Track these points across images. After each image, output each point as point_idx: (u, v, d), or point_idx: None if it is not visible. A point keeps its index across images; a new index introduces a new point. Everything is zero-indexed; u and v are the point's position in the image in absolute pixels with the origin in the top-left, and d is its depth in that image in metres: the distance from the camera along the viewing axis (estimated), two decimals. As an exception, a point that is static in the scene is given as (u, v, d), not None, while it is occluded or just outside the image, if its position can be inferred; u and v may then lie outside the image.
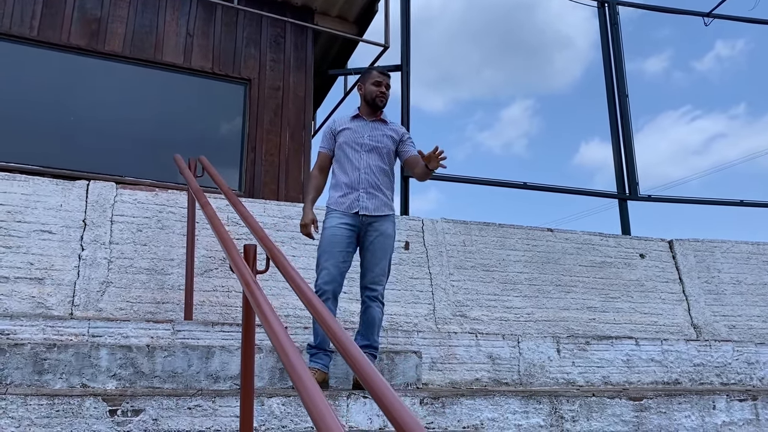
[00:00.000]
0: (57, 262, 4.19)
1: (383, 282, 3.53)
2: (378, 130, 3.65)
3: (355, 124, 3.65)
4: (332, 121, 3.71)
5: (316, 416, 1.35)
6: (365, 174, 3.54)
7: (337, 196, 3.54)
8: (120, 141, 5.68)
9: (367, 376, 1.53)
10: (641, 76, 34.39)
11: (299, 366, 1.54)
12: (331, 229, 3.47)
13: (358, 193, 3.51)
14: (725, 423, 3.86)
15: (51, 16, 5.54)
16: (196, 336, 3.72)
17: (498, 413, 3.37)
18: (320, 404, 1.37)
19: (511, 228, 5.62)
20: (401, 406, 1.45)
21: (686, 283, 5.94)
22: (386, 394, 1.49)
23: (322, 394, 1.43)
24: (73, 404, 2.64)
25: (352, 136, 3.60)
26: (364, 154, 3.57)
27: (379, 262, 3.50)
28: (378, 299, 3.50)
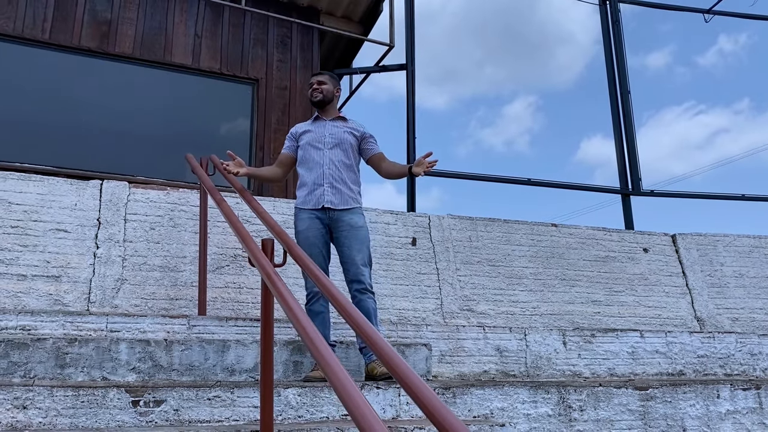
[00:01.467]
0: (73, 260, 4.28)
1: (368, 272, 3.56)
2: (338, 128, 3.78)
3: (316, 126, 3.80)
4: (297, 126, 3.91)
5: (347, 401, 1.41)
6: (328, 169, 3.65)
7: (303, 195, 3.66)
8: (131, 141, 5.78)
9: (395, 365, 1.59)
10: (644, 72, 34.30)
11: (327, 354, 1.62)
12: (304, 232, 3.58)
13: (323, 188, 3.61)
14: (729, 411, 3.94)
15: (62, 19, 5.63)
16: (210, 330, 3.81)
17: (507, 403, 3.45)
18: (351, 390, 1.44)
19: (516, 223, 5.70)
20: (429, 391, 1.51)
21: (689, 277, 6.02)
22: (413, 380, 1.56)
23: (352, 381, 1.51)
24: (97, 395, 2.72)
25: (313, 136, 3.76)
26: (326, 150, 3.69)
27: (357, 254, 3.54)
28: (367, 290, 3.52)
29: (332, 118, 3.80)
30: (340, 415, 3.09)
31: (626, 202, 6.41)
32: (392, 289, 5.03)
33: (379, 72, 6.44)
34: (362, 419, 1.36)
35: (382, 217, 5.28)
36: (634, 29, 12.40)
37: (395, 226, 5.28)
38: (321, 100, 3.79)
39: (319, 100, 3.79)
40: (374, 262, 5.04)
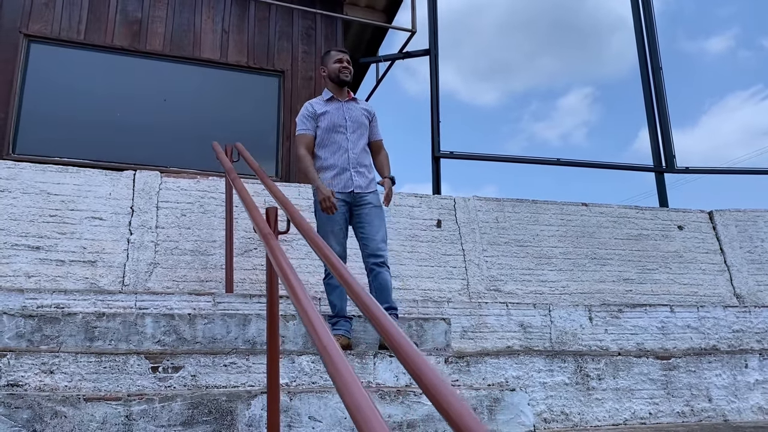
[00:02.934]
0: (108, 246, 4.49)
1: (386, 248, 3.66)
2: (354, 111, 3.81)
3: (333, 107, 3.78)
4: (309, 105, 3.81)
5: (330, 365, 1.40)
6: (353, 154, 3.71)
7: (330, 177, 3.66)
8: (163, 134, 6.02)
9: (390, 333, 1.58)
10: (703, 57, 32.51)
11: (319, 326, 1.63)
12: (329, 210, 3.58)
13: (349, 172, 3.67)
14: (758, 381, 3.84)
15: (96, 20, 5.92)
16: (235, 307, 3.94)
17: (522, 371, 3.46)
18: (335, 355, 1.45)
19: (545, 204, 5.67)
20: (421, 359, 1.43)
21: (728, 254, 5.86)
22: (408, 350, 1.50)
23: (342, 353, 1.54)
24: (118, 361, 2.88)
25: (333, 119, 3.74)
26: (349, 135, 3.73)
27: (378, 231, 3.64)
28: (385, 264, 3.61)
29: (346, 100, 3.84)
30: (353, 381, 3.16)
31: (660, 179, 6.28)
32: (417, 270, 5.08)
33: (403, 58, 6.51)
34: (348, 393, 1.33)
35: (406, 200, 5.34)
36: (692, 14, 11.92)
37: (419, 209, 5.33)
38: (350, 80, 3.84)
39: (349, 80, 3.82)
40: (399, 244, 5.11)
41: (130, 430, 2.48)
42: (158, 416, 2.52)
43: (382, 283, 3.60)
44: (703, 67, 49.83)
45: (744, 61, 38.82)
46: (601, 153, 34.03)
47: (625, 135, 16.28)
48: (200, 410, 2.56)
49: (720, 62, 36.71)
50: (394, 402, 2.85)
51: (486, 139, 47.56)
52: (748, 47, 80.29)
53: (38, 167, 4.54)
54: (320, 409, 2.74)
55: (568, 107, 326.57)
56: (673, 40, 46.97)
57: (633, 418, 3.59)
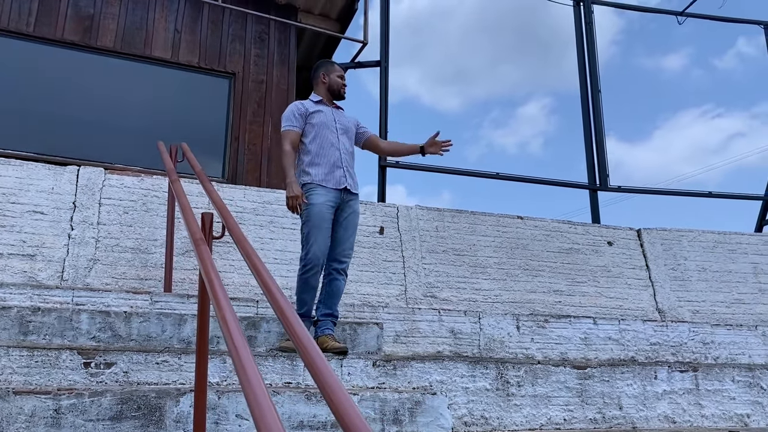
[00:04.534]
0: (48, 241, 4.51)
1: (351, 256, 3.81)
2: (343, 117, 3.99)
3: (325, 109, 3.90)
4: (299, 104, 3.90)
5: (237, 364, 1.51)
6: (344, 155, 3.84)
7: (323, 173, 3.73)
8: (110, 131, 6.03)
9: (299, 339, 1.66)
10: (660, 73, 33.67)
11: (234, 328, 1.77)
12: (320, 206, 3.66)
13: (342, 169, 3.78)
14: (666, 392, 4.12)
15: (46, 12, 5.90)
16: (172, 306, 4.02)
17: (446, 376, 3.65)
18: (244, 357, 1.59)
19: (483, 215, 5.90)
20: (326, 366, 1.49)
21: (653, 270, 6.20)
22: (313, 354, 1.58)
23: (249, 352, 1.68)
24: (51, 356, 2.94)
25: (325, 119, 3.85)
26: (340, 136, 3.87)
27: (350, 237, 3.78)
28: (345, 272, 3.76)
29: (334, 107, 3.98)
30: (282, 382, 3.30)
31: (593, 197, 6.59)
32: (357, 275, 5.23)
33: (355, 68, 6.66)
34: (249, 385, 1.47)
35: (351, 206, 5.49)
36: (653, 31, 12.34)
37: (364, 215, 5.49)
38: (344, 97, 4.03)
39: (344, 97, 4.00)
40: (340, 249, 5.26)
41: (59, 423, 2.56)
42: (87, 410, 2.60)
43: (335, 290, 3.72)
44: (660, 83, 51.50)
45: (697, 80, 40.33)
46: (555, 163, 34.92)
47: (579, 147, 16.85)
48: (129, 406, 2.66)
49: (675, 79, 38.09)
50: (320, 403, 2.99)
51: (443, 146, 47.90)
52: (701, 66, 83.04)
53: (-21, 159, 4.53)
54: (247, 407, 2.86)
55: (528, 116, 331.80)
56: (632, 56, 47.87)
57: (549, 423, 3.81)
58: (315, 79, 4.03)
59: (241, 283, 4.76)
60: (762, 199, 7.61)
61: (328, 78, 3.97)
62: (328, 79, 3.96)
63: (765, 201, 7.62)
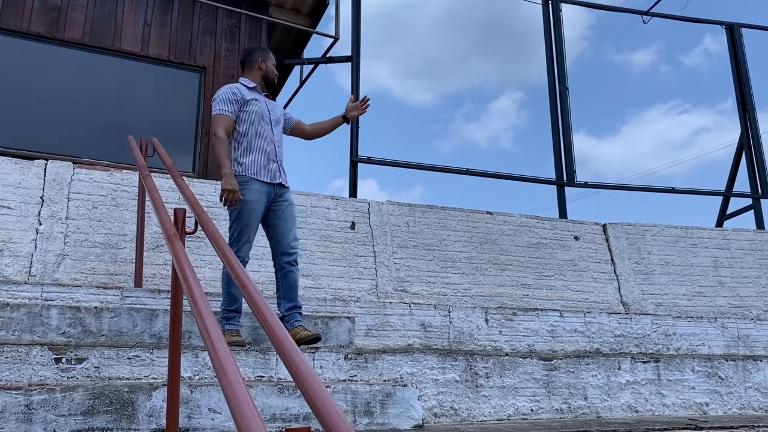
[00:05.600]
0: (15, 236, 4.46)
1: (298, 246, 3.79)
2: (275, 107, 3.93)
3: (259, 98, 3.82)
4: (235, 89, 3.74)
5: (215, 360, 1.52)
6: (278, 147, 3.81)
7: (258, 167, 3.67)
8: (79, 124, 5.96)
9: (275, 334, 1.68)
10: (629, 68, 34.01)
11: (210, 324, 1.79)
12: (253, 203, 3.60)
13: (276, 164, 3.76)
14: (629, 382, 4.25)
15: (13, 3, 5.79)
16: (143, 302, 4.02)
17: (417, 368, 3.72)
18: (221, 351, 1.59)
19: (453, 210, 5.98)
20: (300, 359, 1.54)
21: (617, 264, 6.35)
22: (288, 347, 1.61)
23: (224, 343, 1.67)
24: (21, 352, 2.93)
25: (260, 108, 3.76)
26: (274, 128, 3.82)
27: (292, 228, 3.76)
28: (296, 262, 3.75)
29: (266, 95, 3.91)
30: (255, 375, 3.33)
31: (560, 192, 6.72)
32: (329, 270, 5.27)
33: (326, 63, 6.69)
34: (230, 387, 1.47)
35: (323, 201, 5.52)
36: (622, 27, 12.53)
37: (335, 211, 5.53)
38: None
39: (276, 86, 3.97)
40: (313, 244, 5.30)
41: (30, 418, 2.56)
42: (59, 406, 2.60)
43: (291, 282, 3.73)
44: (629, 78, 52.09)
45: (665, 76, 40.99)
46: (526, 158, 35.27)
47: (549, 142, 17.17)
48: (101, 401, 2.67)
49: (644, 75, 38.95)
50: (292, 396, 3.03)
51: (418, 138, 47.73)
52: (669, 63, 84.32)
53: (-57, 152, 4.45)
54: (220, 401, 2.89)
55: (499, 110, 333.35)
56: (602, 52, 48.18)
57: (516, 414, 3.91)
58: (249, 63, 3.88)
59: (212, 278, 4.76)
60: (722, 194, 7.84)
61: (265, 65, 3.87)
62: (264, 66, 3.87)
63: (725, 197, 7.85)
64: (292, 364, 1.55)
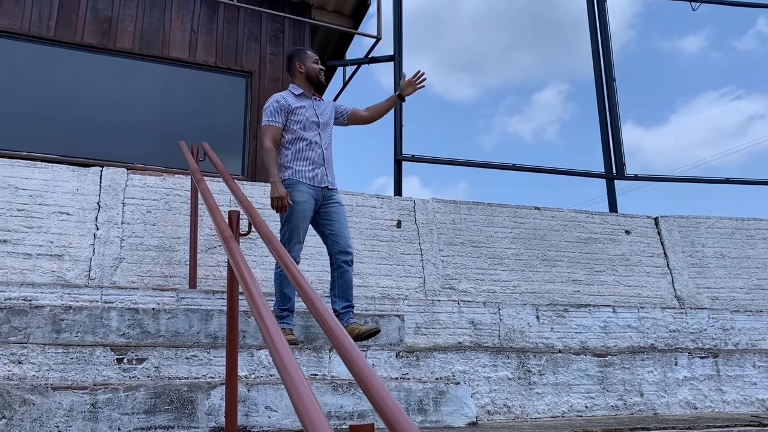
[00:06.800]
0: (74, 241, 4.61)
1: (352, 245, 3.87)
2: (323, 108, 3.95)
3: (305, 103, 3.87)
4: (281, 98, 3.84)
5: (277, 360, 1.55)
6: (325, 150, 3.86)
7: (305, 171, 3.75)
8: (131, 131, 6.13)
9: (333, 332, 1.72)
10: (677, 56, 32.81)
11: (271, 325, 1.83)
12: (302, 204, 3.69)
13: (323, 167, 3.82)
14: (686, 378, 4.15)
15: (66, 17, 6.01)
16: (198, 302, 4.11)
17: (469, 366, 3.71)
18: (283, 351, 1.63)
19: (500, 207, 5.94)
20: (359, 357, 1.59)
21: (670, 258, 6.21)
22: (347, 345, 1.63)
23: (285, 342, 1.71)
24: (85, 353, 3.03)
25: (306, 115, 3.82)
26: (320, 132, 3.87)
27: (345, 229, 3.83)
28: (352, 262, 3.81)
29: (314, 98, 3.95)
30: (309, 374, 3.37)
31: (610, 186, 6.61)
32: (377, 268, 5.30)
33: (369, 63, 6.72)
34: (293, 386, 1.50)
35: (369, 201, 5.55)
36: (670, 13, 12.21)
37: (381, 210, 5.55)
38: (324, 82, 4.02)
39: (324, 83, 4.01)
40: (360, 243, 5.33)
41: (96, 417, 2.65)
42: (123, 405, 2.69)
43: (347, 281, 3.79)
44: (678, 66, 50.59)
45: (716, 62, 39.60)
46: (572, 151, 34.68)
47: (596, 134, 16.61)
48: (162, 399, 2.74)
49: (693, 62, 37.49)
50: (346, 393, 3.06)
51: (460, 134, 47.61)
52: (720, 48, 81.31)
53: (7, 162, 4.64)
54: (276, 399, 2.94)
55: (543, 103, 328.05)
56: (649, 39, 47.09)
57: (570, 411, 3.86)
58: (291, 69, 3.96)
59: (263, 278, 4.83)
60: (780, 184, 7.56)
61: (304, 67, 3.91)
62: (304, 68, 3.91)
63: (783, 186, 7.57)
64: (352, 362, 1.57)
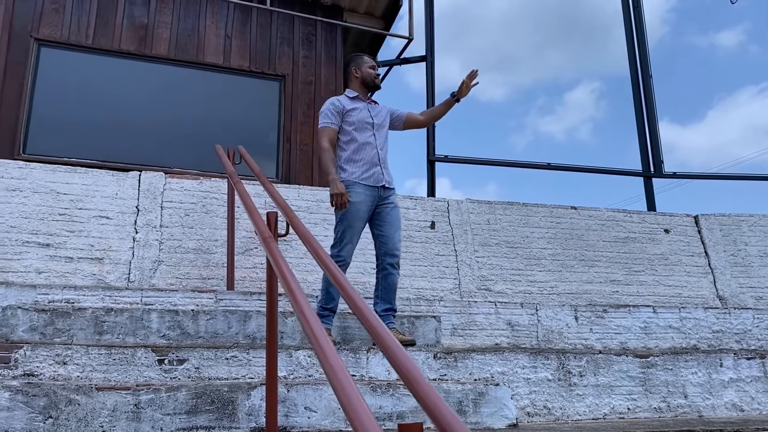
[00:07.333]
0: (114, 244, 4.69)
1: (401, 249, 3.87)
2: (378, 110, 4.00)
3: (360, 105, 3.93)
4: (336, 101, 3.92)
5: (324, 361, 1.54)
6: (381, 151, 3.89)
7: (361, 171, 3.79)
8: (168, 136, 6.22)
9: (378, 333, 1.71)
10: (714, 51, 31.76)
11: (315, 325, 1.84)
12: (359, 205, 3.73)
13: (379, 167, 3.84)
14: (732, 380, 4.05)
15: (103, 25, 6.13)
16: (236, 304, 4.14)
17: (507, 368, 3.66)
18: (329, 351, 1.63)
19: (535, 206, 5.87)
20: (405, 356, 1.57)
21: (712, 257, 6.06)
22: (392, 346, 1.58)
23: (330, 343, 1.73)
24: (127, 354, 3.08)
25: (360, 116, 3.88)
26: (375, 133, 3.90)
27: (396, 231, 3.84)
28: (398, 265, 3.82)
29: (369, 101, 4.01)
30: (347, 375, 3.36)
31: (648, 184, 6.48)
32: (411, 269, 5.28)
33: (401, 64, 6.72)
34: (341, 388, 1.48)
35: (402, 202, 5.53)
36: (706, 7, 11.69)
37: (414, 211, 5.53)
38: (380, 86, 4.06)
39: (380, 86, 4.05)
40: (394, 244, 5.31)
41: (139, 417, 2.68)
42: (165, 405, 2.71)
43: (391, 284, 3.79)
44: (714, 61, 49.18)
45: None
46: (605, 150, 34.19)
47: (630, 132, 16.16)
48: (203, 400, 2.76)
49: (730, 57, 36.20)
50: (384, 394, 3.05)
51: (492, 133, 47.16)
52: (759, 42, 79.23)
53: (48, 167, 4.74)
54: (315, 400, 2.94)
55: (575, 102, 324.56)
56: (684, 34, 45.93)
57: (612, 412, 3.79)
58: (347, 74, 4.06)
59: (298, 279, 4.85)
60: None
61: (360, 71, 3.99)
62: (360, 72, 3.99)
63: (829, 182, 7.35)
64: (399, 364, 1.56)
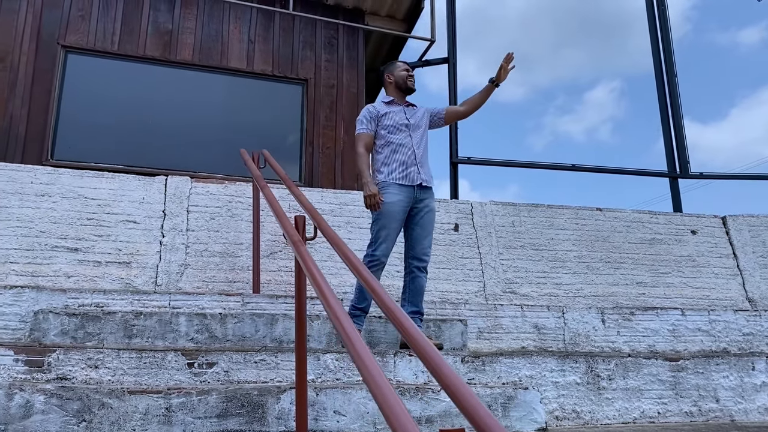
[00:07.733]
0: (141, 248, 4.74)
1: (430, 253, 3.87)
2: (414, 112, 4.04)
3: (395, 109, 3.99)
4: (371, 107, 4.01)
5: (361, 366, 1.52)
6: (418, 151, 3.91)
7: (396, 173, 3.83)
8: (193, 140, 6.28)
9: (412, 336, 1.72)
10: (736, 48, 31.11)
11: (348, 326, 1.83)
12: (393, 205, 3.75)
13: (415, 167, 3.86)
14: (765, 383, 3.98)
15: (129, 31, 6.21)
16: (262, 307, 4.16)
17: (535, 371, 3.64)
18: (365, 355, 1.64)
19: (560, 208, 5.82)
20: (441, 360, 1.57)
21: (740, 258, 5.97)
22: (428, 350, 1.61)
23: (365, 346, 1.73)
24: (157, 357, 3.10)
25: (395, 119, 3.94)
26: (411, 133, 3.94)
27: (428, 235, 3.84)
28: (426, 269, 3.84)
29: (406, 105, 4.05)
30: (374, 379, 3.36)
31: (674, 185, 6.41)
32: (435, 272, 5.26)
33: (422, 66, 6.71)
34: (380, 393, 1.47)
35: (426, 204, 5.52)
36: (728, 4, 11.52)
37: (437, 213, 5.51)
38: (415, 89, 4.08)
39: (414, 89, 4.07)
40: (418, 247, 5.30)
41: (170, 421, 2.70)
42: (196, 408, 2.73)
43: (418, 287, 3.81)
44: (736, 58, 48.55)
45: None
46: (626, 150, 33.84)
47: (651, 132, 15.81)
48: (234, 403, 2.77)
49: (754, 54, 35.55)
50: (413, 398, 3.04)
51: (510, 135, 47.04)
52: (781, 40, 77.30)
53: (76, 173, 4.80)
54: (344, 404, 2.94)
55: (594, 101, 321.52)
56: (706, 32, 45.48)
57: (642, 417, 3.75)
58: (383, 82, 4.16)
59: (324, 283, 4.86)
60: None
61: (393, 76, 4.06)
62: (393, 77, 4.06)
63: None
64: (436, 368, 1.56)
